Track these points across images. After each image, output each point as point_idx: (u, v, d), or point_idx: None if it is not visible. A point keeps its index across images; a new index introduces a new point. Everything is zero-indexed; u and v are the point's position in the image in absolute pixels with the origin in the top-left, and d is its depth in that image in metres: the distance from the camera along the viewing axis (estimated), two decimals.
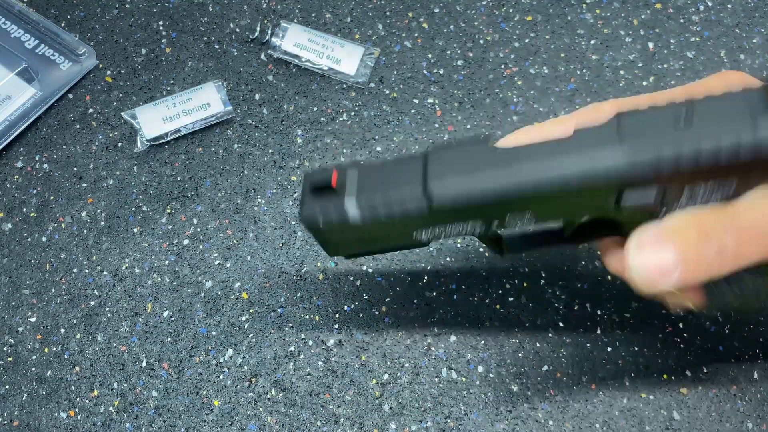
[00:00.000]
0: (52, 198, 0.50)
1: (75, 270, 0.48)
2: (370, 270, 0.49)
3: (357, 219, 0.33)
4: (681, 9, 0.57)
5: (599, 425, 0.45)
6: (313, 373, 0.45)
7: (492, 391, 0.46)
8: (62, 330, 0.46)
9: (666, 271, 0.30)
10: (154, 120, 0.51)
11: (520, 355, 0.46)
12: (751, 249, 0.29)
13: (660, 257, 0.30)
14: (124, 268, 0.48)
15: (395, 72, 0.55)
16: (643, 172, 0.29)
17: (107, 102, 0.53)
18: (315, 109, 0.54)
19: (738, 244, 0.29)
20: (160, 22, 0.56)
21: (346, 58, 0.54)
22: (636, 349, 0.46)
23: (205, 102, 0.52)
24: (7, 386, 0.45)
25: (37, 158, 0.51)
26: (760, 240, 0.29)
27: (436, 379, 0.46)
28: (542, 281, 0.48)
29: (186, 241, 0.49)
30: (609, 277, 0.48)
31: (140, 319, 0.47)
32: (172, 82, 0.54)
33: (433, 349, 0.46)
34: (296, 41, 0.54)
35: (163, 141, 0.51)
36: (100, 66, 0.54)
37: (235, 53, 0.55)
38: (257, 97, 0.54)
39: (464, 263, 0.49)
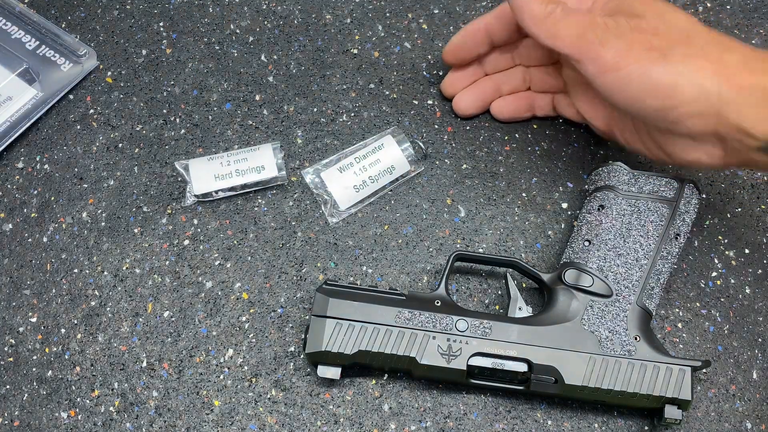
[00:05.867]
0: (52, 198, 0.50)
1: (76, 270, 0.48)
2: (370, 270, 0.49)
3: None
4: None
5: (598, 425, 0.45)
6: (313, 373, 0.46)
7: (491, 390, 0.46)
8: (63, 330, 0.47)
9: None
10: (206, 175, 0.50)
11: None
12: None
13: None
14: (124, 268, 0.48)
15: (395, 73, 0.55)
16: None
17: (108, 103, 0.53)
18: (315, 110, 0.54)
19: None
20: (161, 23, 0.56)
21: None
22: None
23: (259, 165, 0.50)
24: (8, 386, 0.45)
25: (38, 159, 0.51)
26: None
27: None
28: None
29: (186, 242, 0.49)
30: None
31: (141, 320, 0.47)
32: (172, 83, 0.54)
33: None
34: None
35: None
36: (101, 67, 0.55)
37: (236, 54, 0.55)
38: (257, 98, 0.54)
39: (463, 264, 0.49)
